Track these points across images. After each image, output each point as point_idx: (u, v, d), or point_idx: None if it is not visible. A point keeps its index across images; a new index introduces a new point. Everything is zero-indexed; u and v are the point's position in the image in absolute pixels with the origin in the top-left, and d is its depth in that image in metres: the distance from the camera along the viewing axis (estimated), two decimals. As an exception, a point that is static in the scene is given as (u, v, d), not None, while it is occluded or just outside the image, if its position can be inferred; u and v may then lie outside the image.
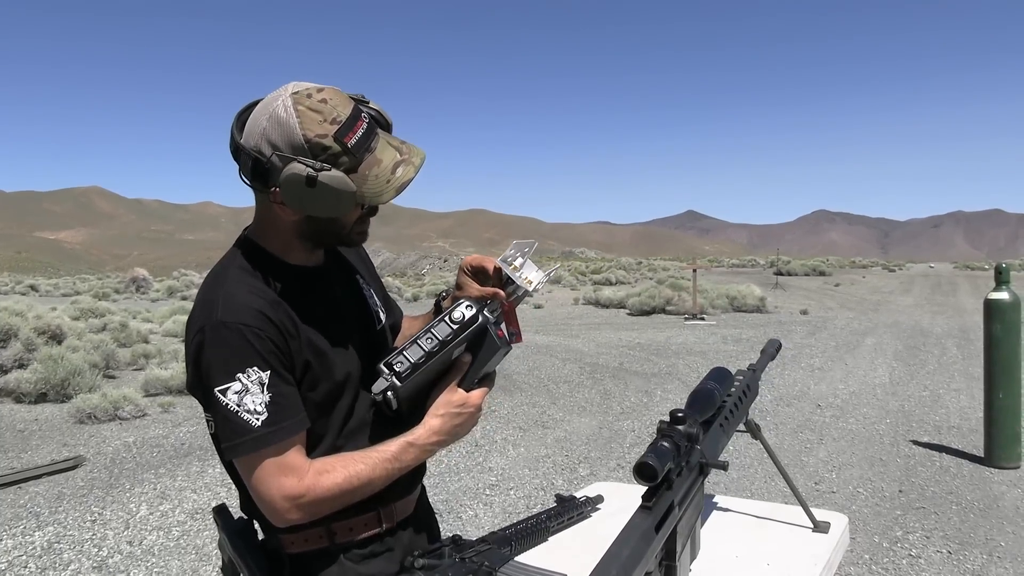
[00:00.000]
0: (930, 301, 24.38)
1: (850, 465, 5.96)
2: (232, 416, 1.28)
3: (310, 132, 1.27)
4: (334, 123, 1.29)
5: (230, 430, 1.29)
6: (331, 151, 1.28)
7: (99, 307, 16.47)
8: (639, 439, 6.81)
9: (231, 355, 1.29)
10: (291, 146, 1.28)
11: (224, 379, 1.28)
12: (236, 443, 1.29)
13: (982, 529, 4.59)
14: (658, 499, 1.22)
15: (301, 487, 1.30)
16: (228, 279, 1.37)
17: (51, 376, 8.49)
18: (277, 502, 1.30)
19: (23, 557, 4.33)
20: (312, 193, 1.27)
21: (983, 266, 50.55)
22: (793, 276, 36.65)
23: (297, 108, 1.29)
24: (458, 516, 4.93)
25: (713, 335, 14.82)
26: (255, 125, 1.31)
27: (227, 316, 1.30)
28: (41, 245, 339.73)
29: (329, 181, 1.26)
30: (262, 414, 1.29)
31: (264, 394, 1.29)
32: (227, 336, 1.29)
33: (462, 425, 1.44)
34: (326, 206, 1.29)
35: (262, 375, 1.30)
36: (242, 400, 1.28)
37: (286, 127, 1.28)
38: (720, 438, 1.54)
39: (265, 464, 1.30)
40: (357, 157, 1.30)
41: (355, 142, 1.29)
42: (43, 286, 40.57)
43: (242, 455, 1.30)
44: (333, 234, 1.42)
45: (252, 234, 1.46)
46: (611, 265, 45.77)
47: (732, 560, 1.60)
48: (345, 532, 1.42)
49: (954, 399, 8.42)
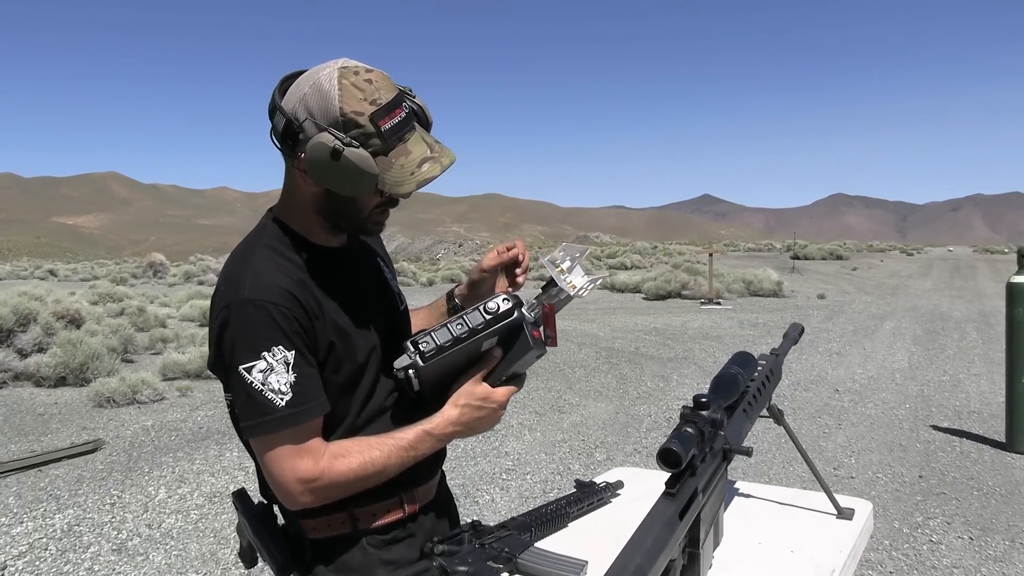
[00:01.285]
0: (949, 285, 24.19)
1: (869, 450, 5.92)
2: (256, 395, 1.27)
3: (347, 107, 1.27)
4: (373, 104, 1.28)
5: (253, 409, 1.27)
6: (363, 130, 1.27)
7: (117, 292, 16.58)
8: (656, 424, 6.79)
9: (257, 333, 1.28)
10: (326, 116, 1.27)
11: (249, 357, 1.27)
12: (258, 422, 1.28)
13: (1004, 515, 4.55)
14: (682, 486, 1.20)
15: (316, 470, 1.29)
16: (255, 257, 1.35)
17: (70, 360, 8.55)
18: (291, 484, 1.29)
19: (43, 539, 4.36)
20: (335, 167, 1.25)
21: (1003, 250, 50.08)
22: (810, 260, 36.44)
23: (341, 82, 1.28)
24: (475, 501, 4.93)
25: (729, 320, 14.75)
26: (297, 89, 1.31)
27: (254, 294, 1.29)
28: (59, 230, 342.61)
29: (353, 158, 1.25)
30: (286, 394, 1.27)
31: (289, 374, 1.28)
32: (254, 314, 1.28)
33: (482, 420, 1.42)
34: (345, 183, 1.28)
35: (287, 354, 1.28)
36: (267, 379, 1.27)
37: (325, 97, 1.27)
38: (744, 423, 1.51)
39: (283, 446, 1.29)
40: (388, 142, 1.29)
41: (389, 127, 1.28)
42: (61, 271, 40.92)
43: (262, 435, 1.29)
44: (350, 217, 1.40)
45: (278, 212, 1.45)
46: (626, 249, 45.66)
47: (756, 547, 1.58)
48: (368, 518, 1.41)
49: (974, 384, 8.34)
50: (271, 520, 1.41)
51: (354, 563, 1.41)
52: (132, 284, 28.11)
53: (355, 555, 1.41)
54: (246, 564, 1.49)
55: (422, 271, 34.89)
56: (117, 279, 28.21)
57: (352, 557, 1.41)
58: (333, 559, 1.41)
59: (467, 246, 73.82)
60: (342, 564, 1.41)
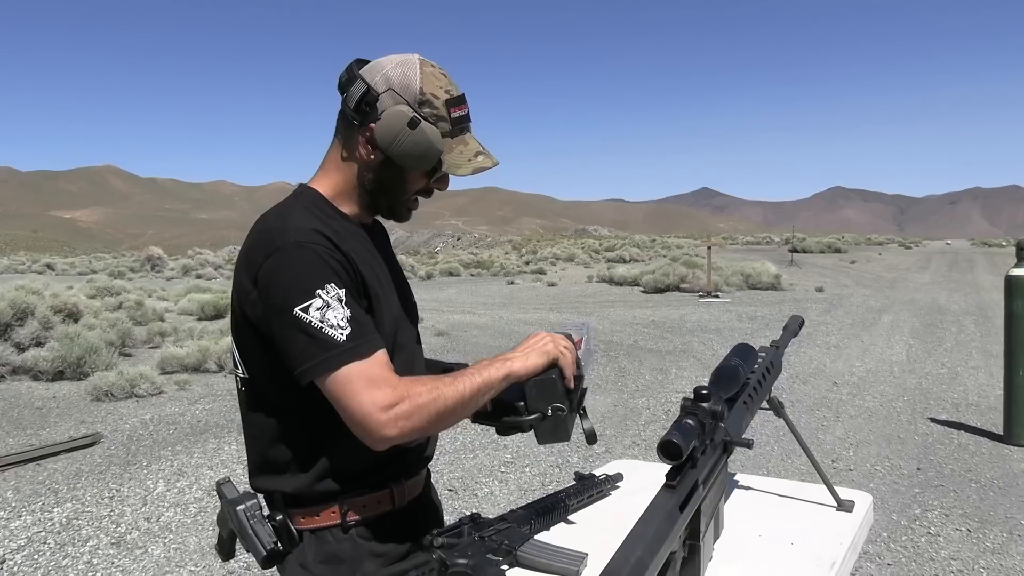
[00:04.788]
0: (947, 278, 24.22)
1: (867, 443, 5.92)
2: (316, 332, 1.26)
3: (427, 88, 1.38)
4: (447, 92, 1.40)
5: (315, 347, 1.27)
6: (437, 112, 1.39)
7: (115, 285, 16.54)
8: (654, 417, 6.79)
9: (308, 272, 1.29)
10: (407, 91, 1.38)
11: (304, 297, 1.28)
12: (323, 359, 1.26)
13: (1002, 507, 4.56)
14: (682, 478, 1.20)
15: (396, 394, 1.26)
16: (295, 213, 1.39)
17: (68, 354, 8.53)
18: (374, 415, 1.25)
19: (42, 533, 4.36)
20: (409, 136, 1.36)
21: (1001, 243, 50.14)
22: (808, 253, 36.44)
23: (423, 68, 1.40)
24: (474, 493, 4.93)
25: (728, 312, 14.76)
26: (379, 66, 1.40)
27: (299, 237, 1.32)
28: (57, 224, 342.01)
29: (427, 131, 1.36)
30: (346, 328, 1.27)
31: (344, 309, 1.29)
32: (304, 254, 1.30)
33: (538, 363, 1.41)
34: (413, 153, 1.37)
35: (339, 292, 1.30)
36: (324, 316, 1.27)
37: (408, 76, 1.38)
38: (744, 416, 1.51)
39: (356, 378, 1.26)
40: (453, 129, 1.41)
41: (457, 116, 1.41)
42: (59, 265, 40.83)
43: (330, 371, 1.27)
44: (392, 194, 1.46)
45: (313, 183, 1.49)
46: (625, 243, 45.64)
47: (756, 539, 1.58)
48: (359, 509, 1.42)
49: (972, 377, 8.36)
50: (257, 510, 1.40)
51: (344, 554, 1.41)
52: (130, 278, 28.06)
53: (345, 546, 1.41)
54: (223, 556, 1.49)
55: (420, 264, 34.86)
56: (115, 273, 28.16)
57: (342, 548, 1.41)
58: (322, 550, 1.41)
59: (465, 239, 73.81)
60: (331, 555, 1.41)
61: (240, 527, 1.39)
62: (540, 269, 30.00)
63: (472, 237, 75.28)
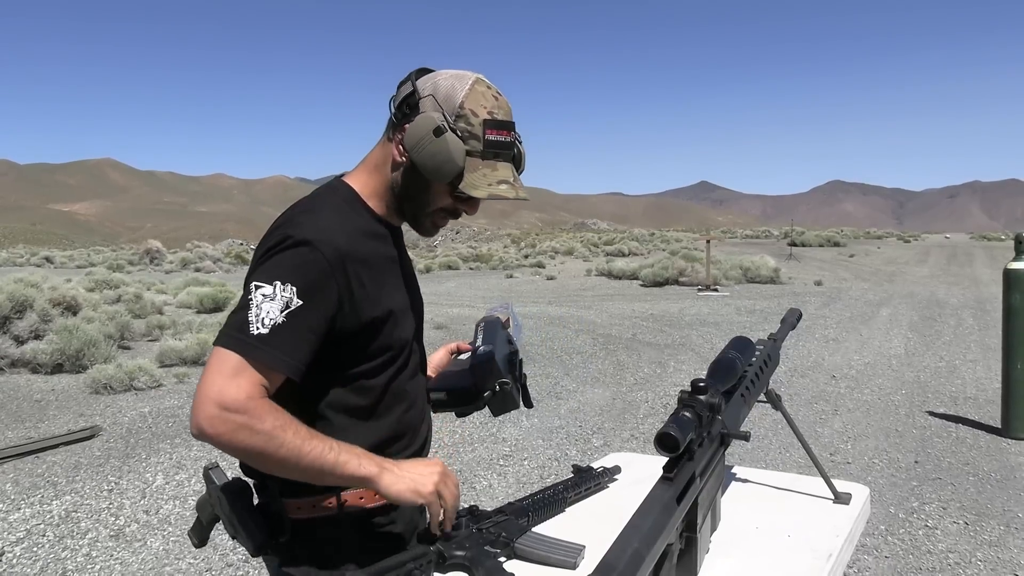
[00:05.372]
0: (946, 272, 24.23)
1: (865, 436, 5.93)
2: (245, 309, 1.26)
3: (468, 104, 1.37)
4: (490, 114, 1.38)
5: (235, 319, 1.27)
6: (471, 129, 1.37)
7: (113, 279, 16.54)
8: (653, 410, 6.80)
9: (286, 266, 1.29)
10: (447, 102, 1.37)
11: (264, 279, 1.28)
12: (228, 331, 1.26)
13: (999, 500, 4.57)
14: (679, 470, 1.20)
15: (244, 405, 1.21)
16: (324, 210, 1.40)
17: (66, 347, 8.53)
18: (209, 402, 1.20)
19: (41, 526, 4.37)
20: (432, 143, 1.34)
21: (1000, 237, 50.15)
22: (807, 247, 36.45)
23: (475, 86, 1.39)
24: (472, 486, 4.94)
25: (727, 306, 14.76)
26: (437, 75, 1.41)
27: (312, 235, 1.31)
28: (55, 217, 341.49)
29: (450, 142, 1.34)
30: (266, 328, 1.25)
31: (280, 315, 1.26)
32: (299, 252, 1.30)
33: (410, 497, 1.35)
34: (432, 163, 1.35)
35: (293, 299, 1.27)
36: (262, 304, 1.26)
37: (454, 89, 1.38)
38: (741, 408, 1.52)
39: (228, 365, 1.23)
40: (485, 151, 1.38)
41: (492, 140, 1.38)
42: (58, 258, 40.82)
43: (221, 346, 1.25)
44: (416, 204, 1.45)
45: (348, 178, 1.49)
46: (624, 236, 45.61)
47: (753, 531, 1.58)
48: (355, 500, 1.41)
49: (970, 370, 8.36)
50: (248, 497, 1.38)
51: (338, 545, 1.41)
52: (129, 271, 28.05)
53: (339, 536, 1.41)
54: (197, 542, 1.47)
55: (420, 258, 34.86)
56: (114, 266, 28.14)
57: (336, 538, 1.41)
58: (315, 538, 1.40)
59: (464, 233, 73.81)
60: (326, 544, 1.41)
61: (229, 514, 1.36)
62: (539, 263, 30.01)
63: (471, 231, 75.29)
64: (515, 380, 1.59)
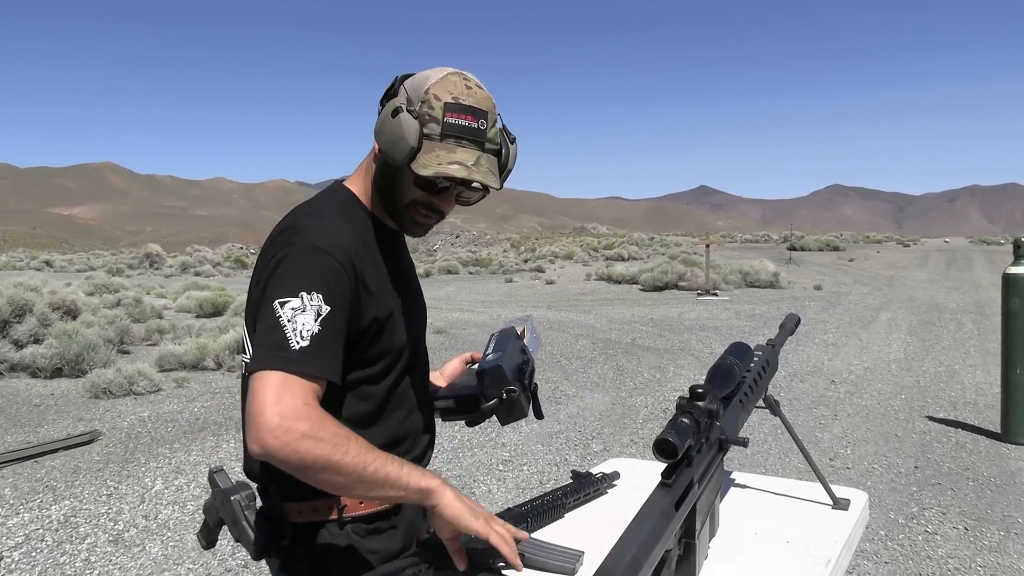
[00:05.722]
0: (945, 276, 24.23)
1: (865, 441, 5.93)
2: (278, 328, 1.24)
3: (434, 90, 1.36)
4: (455, 100, 1.36)
5: (269, 341, 1.23)
6: (431, 112, 1.35)
7: (113, 283, 16.54)
8: (652, 415, 6.79)
9: (306, 274, 1.29)
10: (415, 90, 1.38)
11: (287, 293, 1.27)
12: (268, 354, 1.22)
13: (999, 506, 4.56)
14: (678, 476, 1.20)
15: (303, 412, 1.18)
16: (325, 214, 1.40)
17: (66, 351, 8.53)
18: (269, 416, 1.16)
19: (40, 530, 4.36)
20: (389, 125, 1.35)
21: (999, 241, 50.18)
22: (807, 251, 36.46)
23: (448, 76, 1.39)
24: (472, 492, 4.93)
25: (726, 311, 14.76)
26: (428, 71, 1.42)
27: (318, 240, 1.32)
28: (55, 221, 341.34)
29: (404, 121, 1.34)
30: (305, 340, 1.24)
31: (315, 324, 1.26)
32: (313, 258, 1.30)
33: (468, 519, 1.29)
34: (388, 142, 1.36)
35: (322, 305, 1.27)
36: (294, 317, 1.25)
37: (427, 77, 1.39)
38: (740, 414, 1.52)
39: (277, 381, 1.20)
40: (443, 133, 1.35)
41: (452, 123, 1.35)
42: (57, 262, 40.81)
43: (265, 369, 1.21)
44: (389, 196, 1.45)
45: (348, 183, 1.51)
46: (623, 241, 45.63)
47: (751, 537, 1.58)
48: (355, 506, 1.41)
49: (970, 375, 8.36)
50: (251, 500, 1.39)
51: (339, 550, 1.41)
52: (128, 275, 28.04)
53: (340, 541, 1.41)
54: (205, 543, 1.47)
55: (419, 262, 34.87)
56: (113, 270, 28.16)
57: (337, 543, 1.41)
58: (315, 543, 1.40)
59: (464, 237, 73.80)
60: (327, 549, 1.41)
61: (233, 517, 1.37)
62: (539, 267, 30.00)
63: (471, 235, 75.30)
64: (524, 389, 1.57)
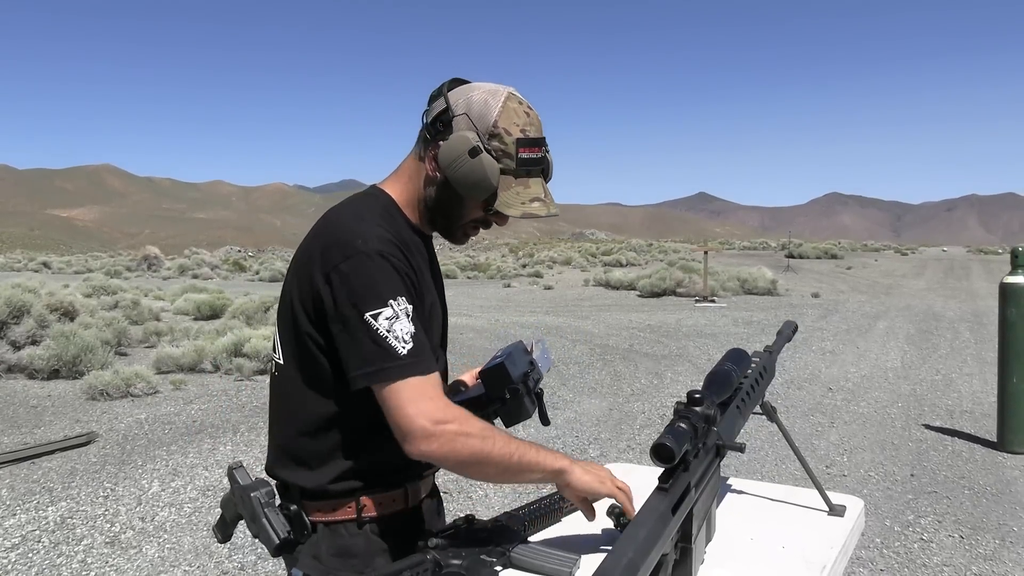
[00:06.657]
0: (943, 285, 24.26)
1: (861, 449, 5.94)
2: (381, 341, 1.29)
3: (501, 122, 1.39)
4: (523, 132, 1.40)
5: (378, 354, 1.29)
6: (505, 148, 1.39)
7: (111, 285, 16.52)
8: (649, 421, 6.80)
9: (384, 281, 1.32)
10: (480, 120, 1.39)
11: (376, 304, 1.31)
12: (383, 367, 1.29)
13: (995, 514, 4.57)
14: (675, 481, 1.21)
15: (448, 413, 1.30)
16: (371, 218, 1.42)
17: (63, 353, 8.52)
18: (421, 424, 1.28)
19: (36, 532, 4.36)
20: (467, 163, 1.37)
21: (997, 250, 50.22)
22: (805, 259, 36.50)
23: (507, 102, 1.41)
24: (468, 496, 4.94)
25: (724, 317, 14.78)
26: (468, 89, 1.43)
27: (378, 246, 1.35)
28: (54, 223, 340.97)
29: (485, 163, 1.37)
30: (408, 343, 1.30)
31: (410, 324, 1.32)
32: (380, 264, 1.33)
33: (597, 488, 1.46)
34: (466, 182, 1.38)
35: (408, 307, 1.33)
36: (392, 326, 1.30)
37: (487, 106, 1.40)
38: (737, 420, 1.53)
39: (412, 390, 1.30)
40: (518, 169, 1.41)
41: (525, 158, 1.40)
42: (55, 263, 40.76)
43: (389, 381, 1.30)
44: (449, 217, 1.48)
45: (385, 186, 1.52)
46: (621, 247, 45.68)
47: (747, 542, 1.59)
48: (375, 506, 1.44)
49: (966, 383, 8.38)
50: (270, 497, 1.42)
51: (356, 548, 1.44)
52: (126, 277, 28.04)
53: (358, 541, 1.44)
54: (221, 537, 1.49)
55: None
56: (111, 272, 28.13)
57: (355, 543, 1.44)
58: (335, 543, 1.43)
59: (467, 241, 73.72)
60: (344, 549, 1.43)
61: (253, 513, 1.40)
62: (537, 272, 30.03)
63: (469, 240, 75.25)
64: (528, 391, 1.61)
